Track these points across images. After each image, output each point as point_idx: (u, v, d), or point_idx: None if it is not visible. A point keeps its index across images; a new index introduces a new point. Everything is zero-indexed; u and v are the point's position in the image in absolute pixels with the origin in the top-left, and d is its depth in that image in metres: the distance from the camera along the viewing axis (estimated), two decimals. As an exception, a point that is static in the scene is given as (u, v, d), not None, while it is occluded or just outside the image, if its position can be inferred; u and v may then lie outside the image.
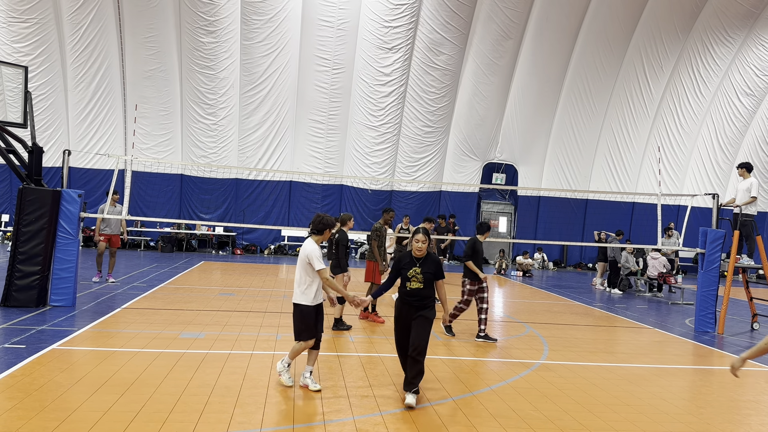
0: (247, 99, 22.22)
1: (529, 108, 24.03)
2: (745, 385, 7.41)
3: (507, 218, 25.87)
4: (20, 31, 20.40)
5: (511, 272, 21.49)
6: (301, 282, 5.91)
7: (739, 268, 11.68)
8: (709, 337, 10.60)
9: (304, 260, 5.90)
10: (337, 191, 23.79)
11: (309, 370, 6.03)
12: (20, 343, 7.13)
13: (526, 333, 9.92)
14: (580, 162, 24.99)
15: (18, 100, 10.17)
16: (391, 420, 5.29)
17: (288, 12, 21.48)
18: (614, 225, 22.32)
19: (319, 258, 5.85)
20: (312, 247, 5.92)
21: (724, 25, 23.66)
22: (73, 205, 9.85)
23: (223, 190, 22.95)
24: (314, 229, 6.03)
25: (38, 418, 4.80)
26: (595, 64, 23.61)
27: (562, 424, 5.47)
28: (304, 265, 5.91)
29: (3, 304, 9.34)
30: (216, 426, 4.92)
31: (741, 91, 24.91)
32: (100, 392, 5.54)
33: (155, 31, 21.24)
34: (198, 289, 12.73)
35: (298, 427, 5.00)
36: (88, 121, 21.85)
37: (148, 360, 6.73)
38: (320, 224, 6.01)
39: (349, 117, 22.99)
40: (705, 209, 22.34)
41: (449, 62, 22.53)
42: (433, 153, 23.75)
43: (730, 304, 14.28)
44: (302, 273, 5.92)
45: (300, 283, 5.92)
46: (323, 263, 5.88)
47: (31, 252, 9.47)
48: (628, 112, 24.69)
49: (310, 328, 5.93)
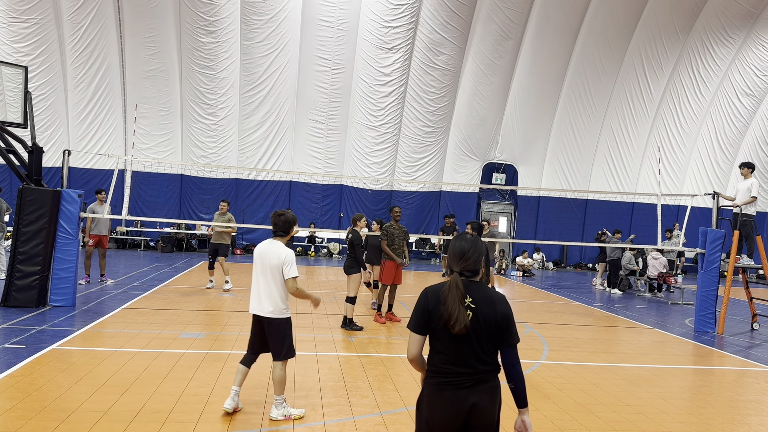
0: (247, 99, 22.22)
1: (529, 108, 24.03)
2: (745, 385, 7.41)
3: (507, 218, 25.87)
4: (20, 31, 20.39)
5: (511, 272, 21.48)
6: (274, 291, 5.15)
7: (739, 268, 11.69)
8: (709, 337, 10.60)
9: (278, 266, 5.13)
10: (337, 191, 23.79)
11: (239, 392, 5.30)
12: (20, 343, 7.13)
13: (526, 333, 9.92)
14: (580, 162, 24.99)
15: (18, 100, 10.17)
16: (391, 420, 5.29)
17: (288, 12, 21.48)
18: (614, 225, 22.29)
19: (294, 263, 5.18)
20: (287, 250, 5.17)
21: (724, 25, 23.67)
22: (73, 205, 9.85)
23: (223, 190, 22.94)
24: (281, 230, 5.29)
25: (38, 418, 4.80)
26: (595, 64, 23.61)
27: (562, 424, 5.47)
28: (275, 270, 5.15)
29: (3, 304, 9.34)
30: (216, 426, 4.91)
31: (741, 91, 24.92)
32: (100, 392, 5.53)
33: (155, 31, 21.24)
34: (198, 289, 12.73)
35: (298, 428, 5.00)
36: (88, 121, 21.84)
37: (148, 360, 6.73)
38: (286, 224, 5.30)
39: (349, 117, 22.99)
40: (705, 209, 22.34)
41: (449, 62, 22.53)
42: (433, 153, 23.75)
43: (730, 304, 14.28)
44: (272, 280, 5.16)
45: (271, 292, 5.15)
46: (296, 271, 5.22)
47: (31, 252, 9.47)
48: (628, 112, 24.70)
49: (292, 342, 5.29)
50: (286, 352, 5.20)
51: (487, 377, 3.00)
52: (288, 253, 5.16)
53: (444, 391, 3.01)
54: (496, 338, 3.00)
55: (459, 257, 3.11)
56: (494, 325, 2.97)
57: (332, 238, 24.29)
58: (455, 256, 3.13)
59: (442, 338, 3.01)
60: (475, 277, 3.09)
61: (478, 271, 3.11)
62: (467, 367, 2.97)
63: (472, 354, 2.97)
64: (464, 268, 3.09)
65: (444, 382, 3.01)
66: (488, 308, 2.99)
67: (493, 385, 3.02)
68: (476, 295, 3.01)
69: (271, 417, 5.13)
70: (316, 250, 24.10)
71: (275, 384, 5.18)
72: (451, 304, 2.94)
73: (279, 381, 5.16)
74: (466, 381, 2.97)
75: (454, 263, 3.13)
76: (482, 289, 3.05)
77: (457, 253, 3.12)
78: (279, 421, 5.09)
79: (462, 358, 2.97)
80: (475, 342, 2.96)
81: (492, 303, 3.01)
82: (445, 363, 3.01)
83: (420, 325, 3.06)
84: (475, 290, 3.03)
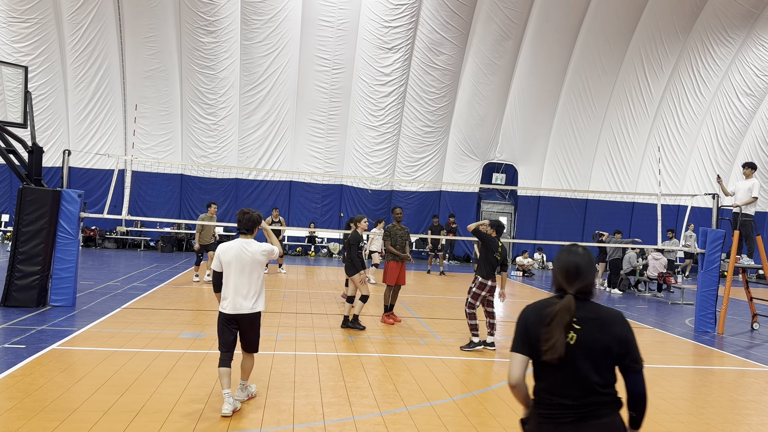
0: (247, 99, 22.22)
1: (529, 108, 24.02)
2: (745, 385, 7.41)
3: (507, 218, 25.87)
4: (20, 31, 20.39)
5: (511, 272, 21.48)
6: (254, 288, 5.38)
7: (739, 268, 11.69)
8: (709, 337, 10.60)
9: (258, 259, 5.38)
10: (337, 191, 23.79)
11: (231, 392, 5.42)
12: (20, 343, 7.13)
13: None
14: (580, 162, 24.99)
15: (18, 100, 10.17)
16: (391, 420, 5.29)
17: (288, 12, 21.48)
18: (614, 225, 22.28)
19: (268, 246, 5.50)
20: (256, 243, 5.43)
21: (724, 25, 23.66)
22: (73, 205, 9.85)
23: (223, 190, 22.95)
24: (244, 228, 5.47)
25: (38, 418, 4.80)
26: (595, 63, 23.61)
27: (562, 424, 5.46)
28: (256, 266, 5.39)
29: (3, 304, 9.34)
30: (216, 426, 4.92)
31: (741, 91, 24.91)
32: (100, 392, 5.53)
33: (155, 31, 21.24)
34: (198, 289, 12.73)
35: (298, 427, 5.00)
36: (88, 121, 21.84)
37: (148, 360, 6.73)
38: (249, 222, 5.46)
39: (349, 117, 22.99)
40: (705, 209, 22.33)
41: (449, 62, 22.53)
42: (433, 153, 23.75)
43: (730, 304, 14.28)
44: (255, 277, 5.39)
45: (252, 290, 5.36)
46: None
47: (31, 252, 9.47)
48: (628, 112, 24.69)
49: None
50: (257, 346, 5.60)
51: (598, 412, 2.52)
52: (260, 244, 5.47)
53: (543, 424, 2.58)
54: (609, 364, 2.52)
55: (574, 275, 2.58)
56: (604, 350, 2.50)
57: (332, 238, 24.28)
58: (569, 273, 2.60)
59: (543, 363, 2.58)
60: (590, 297, 2.60)
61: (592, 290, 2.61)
62: (569, 398, 2.51)
63: (575, 382, 2.50)
64: (580, 289, 2.57)
65: (544, 415, 2.58)
66: (597, 330, 2.52)
67: (605, 423, 2.52)
68: (585, 315, 2.54)
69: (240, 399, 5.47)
70: (316, 250, 24.10)
71: (244, 372, 5.54)
72: (553, 329, 2.49)
73: (250, 369, 5.59)
74: (568, 415, 2.51)
75: (566, 283, 2.61)
76: (594, 309, 2.58)
77: (571, 270, 2.58)
78: (279, 421, 5.09)
79: (562, 386, 2.52)
80: (580, 369, 2.50)
81: (603, 324, 2.53)
82: (546, 392, 2.59)
83: (521, 345, 2.62)
84: (585, 310, 2.57)
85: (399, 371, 6.97)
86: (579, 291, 2.57)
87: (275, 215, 16.29)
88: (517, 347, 2.65)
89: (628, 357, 2.54)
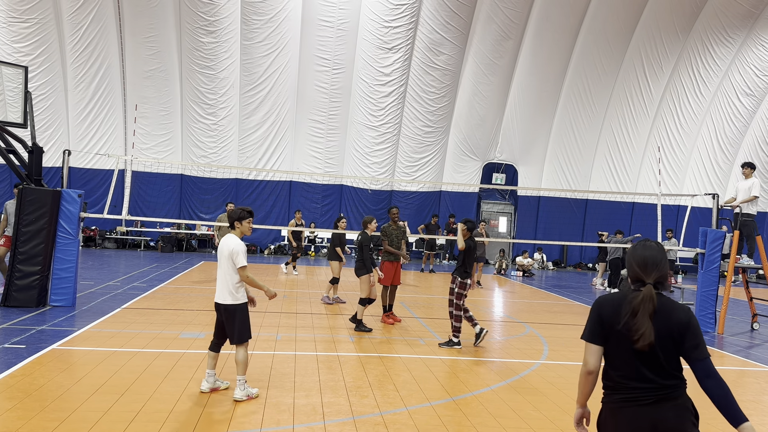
0: (247, 99, 22.22)
1: (529, 108, 24.02)
2: (745, 385, 7.41)
3: (507, 218, 25.87)
4: (20, 31, 20.39)
5: (511, 272, 21.49)
6: (231, 280, 5.64)
7: (739, 268, 11.68)
8: (709, 337, 10.59)
9: (229, 257, 5.63)
10: (337, 191, 23.79)
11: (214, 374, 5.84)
12: (20, 343, 7.13)
13: (526, 333, 9.92)
14: (580, 162, 24.98)
15: (18, 100, 10.17)
16: (391, 420, 5.29)
17: (288, 12, 21.48)
18: (614, 225, 22.29)
19: (244, 254, 5.65)
20: (236, 242, 5.68)
21: (724, 25, 23.66)
22: (73, 205, 9.85)
23: (223, 190, 22.95)
24: (229, 224, 5.83)
25: (38, 418, 4.80)
26: (595, 64, 23.60)
27: (562, 424, 5.47)
28: (224, 261, 5.68)
29: (3, 304, 9.34)
30: (216, 426, 4.92)
31: (741, 91, 24.90)
32: (100, 392, 5.53)
33: (155, 31, 21.24)
34: (198, 289, 12.73)
35: (298, 427, 5.00)
36: (88, 121, 21.84)
37: (148, 360, 6.73)
38: (229, 218, 5.80)
39: (349, 117, 22.99)
40: (705, 209, 22.32)
41: (449, 62, 22.53)
42: (433, 153, 23.75)
43: (730, 304, 14.27)
44: (223, 271, 5.68)
45: (228, 282, 5.64)
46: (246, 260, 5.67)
47: (31, 252, 9.47)
48: (628, 112, 24.68)
49: (248, 327, 5.76)
50: (239, 336, 5.65)
51: (671, 395, 2.78)
52: (236, 244, 5.66)
53: (625, 408, 2.83)
54: (675, 351, 2.78)
55: (652, 267, 2.86)
56: (671, 337, 2.76)
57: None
58: (647, 266, 2.87)
59: (619, 352, 2.83)
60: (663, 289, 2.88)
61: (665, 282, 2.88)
62: (647, 382, 2.78)
63: (652, 368, 2.78)
64: (658, 278, 2.84)
65: (624, 398, 2.83)
66: (665, 319, 2.78)
67: (679, 404, 2.79)
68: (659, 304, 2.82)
69: (236, 398, 5.53)
70: (317, 250, 24.09)
71: (238, 365, 5.62)
72: (640, 319, 2.73)
73: (242, 362, 5.62)
74: (648, 397, 2.77)
75: (645, 274, 2.87)
76: (662, 300, 2.84)
77: (649, 262, 2.86)
78: (279, 421, 5.09)
79: (642, 372, 2.78)
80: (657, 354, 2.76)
81: (669, 313, 2.80)
82: (624, 378, 2.83)
83: (597, 336, 2.89)
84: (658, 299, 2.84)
85: (399, 371, 6.97)
86: (656, 281, 2.84)
87: (298, 218, 16.62)
88: (593, 336, 2.91)
89: (691, 345, 2.75)
